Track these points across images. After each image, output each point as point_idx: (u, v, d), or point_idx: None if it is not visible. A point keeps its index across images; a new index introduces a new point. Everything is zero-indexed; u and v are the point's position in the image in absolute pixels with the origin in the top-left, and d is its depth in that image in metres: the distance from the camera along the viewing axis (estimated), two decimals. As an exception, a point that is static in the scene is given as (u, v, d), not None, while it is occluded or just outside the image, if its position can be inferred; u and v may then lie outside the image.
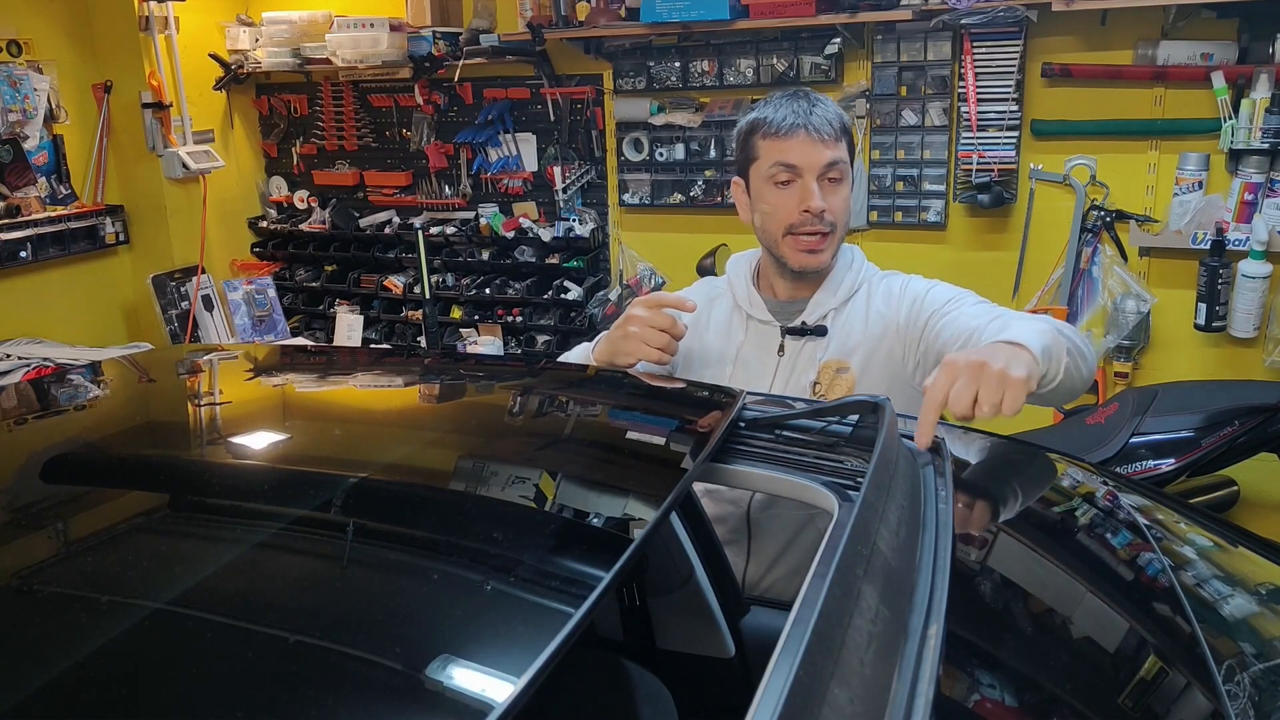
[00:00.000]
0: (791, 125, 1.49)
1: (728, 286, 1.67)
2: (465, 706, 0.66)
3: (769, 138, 1.52)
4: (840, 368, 1.54)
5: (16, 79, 3.56)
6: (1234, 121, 2.78)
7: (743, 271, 1.66)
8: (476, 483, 1.06)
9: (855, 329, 1.55)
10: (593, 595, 0.72)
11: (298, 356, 2.02)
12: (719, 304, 1.67)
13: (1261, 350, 2.93)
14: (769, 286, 1.63)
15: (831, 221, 1.51)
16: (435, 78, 3.84)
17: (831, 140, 1.49)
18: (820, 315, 1.56)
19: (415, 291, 4.04)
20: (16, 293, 3.66)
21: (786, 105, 1.52)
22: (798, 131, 1.48)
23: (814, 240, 1.51)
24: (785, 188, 1.51)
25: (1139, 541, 1.19)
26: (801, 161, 1.49)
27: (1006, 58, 3.03)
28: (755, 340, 1.60)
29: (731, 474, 1.14)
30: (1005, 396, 1.08)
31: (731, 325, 1.63)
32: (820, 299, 1.57)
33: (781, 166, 1.50)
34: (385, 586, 0.83)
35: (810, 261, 1.53)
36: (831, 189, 1.51)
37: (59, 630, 0.74)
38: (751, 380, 1.57)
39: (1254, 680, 0.94)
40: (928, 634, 0.75)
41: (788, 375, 1.57)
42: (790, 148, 1.49)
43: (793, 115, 1.50)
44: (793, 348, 1.57)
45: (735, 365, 1.60)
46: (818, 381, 1.55)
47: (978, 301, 1.52)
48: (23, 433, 1.27)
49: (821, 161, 1.49)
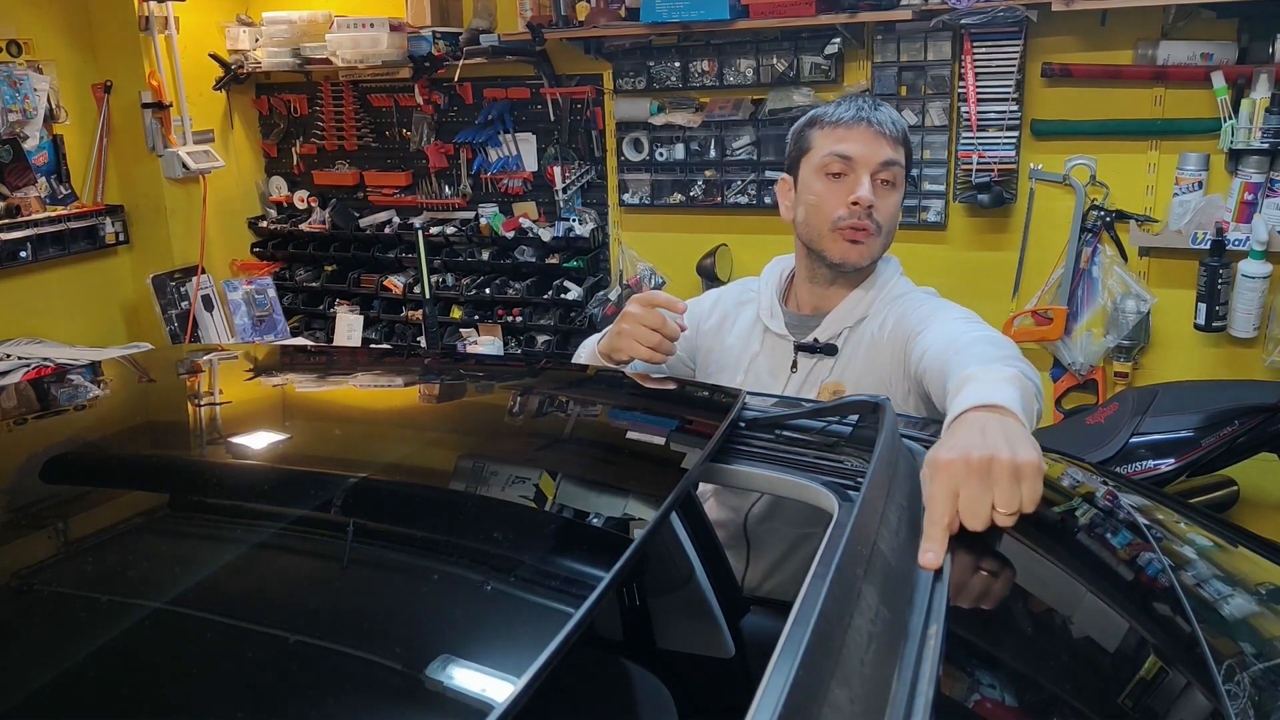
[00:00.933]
0: (854, 117, 1.46)
1: (758, 292, 1.63)
2: (465, 706, 0.66)
3: (827, 127, 1.48)
4: (836, 390, 1.50)
5: (16, 79, 3.56)
6: (1234, 121, 2.78)
7: (773, 280, 1.62)
8: (477, 483, 1.06)
9: (861, 352, 1.51)
10: (593, 595, 0.72)
11: (298, 356, 2.02)
12: (747, 309, 1.63)
13: (1261, 350, 2.93)
14: (795, 297, 1.60)
15: (879, 222, 1.46)
16: (435, 78, 3.84)
17: (892, 139, 1.45)
18: (833, 334, 1.52)
19: (415, 291, 4.04)
20: (16, 293, 3.66)
21: (850, 101, 1.49)
22: (859, 124, 1.45)
23: (860, 233, 1.45)
24: (837, 180, 1.46)
25: (1139, 541, 1.19)
26: (858, 154, 1.45)
27: (1006, 58, 3.03)
28: (769, 354, 1.57)
29: (731, 474, 1.14)
30: (1024, 493, 0.87)
31: (751, 335, 1.60)
32: (836, 316, 1.53)
33: (836, 156, 1.46)
34: (385, 586, 0.83)
35: (851, 254, 1.46)
36: (884, 191, 1.46)
37: (59, 630, 0.74)
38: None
39: (1254, 680, 0.94)
40: (928, 634, 0.75)
41: (799, 391, 1.53)
42: (849, 137, 1.45)
43: (856, 109, 1.47)
44: (805, 365, 1.53)
45: (747, 375, 1.57)
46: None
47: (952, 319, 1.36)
48: (23, 433, 1.27)
49: (879, 158, 1.45)
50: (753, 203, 3.53)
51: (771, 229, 3.49)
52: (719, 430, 1.13)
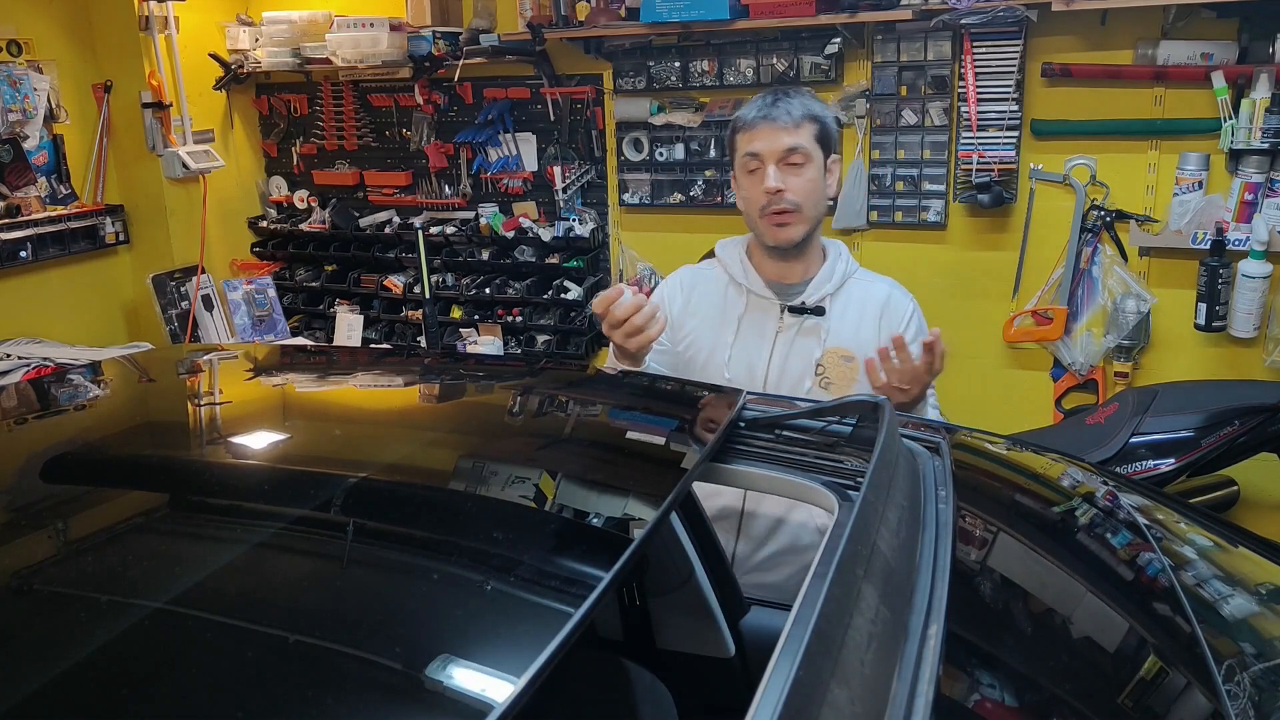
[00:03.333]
0: (754, 119, 1.67)
1: (719, 267, 1.79)
2: (465, 706, 0.66)
3: (739, 133, 1.70)
4: (846, 356, 1.67)
5: (16, 79, 3.56)
6: (1234, 121, 2.78)
7: (735, 253, 1.78)
8: (477, 483, 1.06)
9: (851, 319, 1.70)
10: (593, 595, 0.72)
11: (298, 356, 2.02)
12: (704, 286, 1.78)
13: (1261, 350, 2.92)
14: (759, 266, 1.76)
15: (794, 200, 1.65)
16: (435, 78, 3.84)
17: (790, 127, 1.64)
18: (818, 298, 1.70)
19: (415, 291, 4.04)
20: (16, 293, 3.65)
21: (755, 103, 1.70)
22: (759, 123, 1.66)
23: (781, 216, 1.65)
24: (754, 175, 1.67)
25: (1139, 541, 1.19)
26: (763, 149, 1.65)
27: (1006, 58, 3.02)
28: (755, 312, 1.72)
29: (732, 474, 1.14)
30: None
31: (728, 299, 1.75)
32: (818, 283, 1.72)
33: (749, 156, 1.67)
34: (385, 586, 0.83)
35: (780, 235, 1.67)
36: (792, 171, 1.65)
37: (59, 630, 0.74)
38: (750, 351, 1.70)
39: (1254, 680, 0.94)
40: (928, 634, 0.75)
41: (786, 351, 1.69)
42: (755, 137, 1.66)
43: (756, 110, 1.67)
44: (791, 324, 1.70)
45: (738, 333, 1.71)
46: (822, 364, 1.67)
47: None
48: (23, 432, 1.27)
49: (780, 148, 1.64)
50: (753, 203, 3.53)
51: (771, 229, 3.49)
52: (719, 430, 1.14)
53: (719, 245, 1.83)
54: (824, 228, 1.80)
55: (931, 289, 3.37)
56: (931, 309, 1.76)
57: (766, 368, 1.68)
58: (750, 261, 1.76)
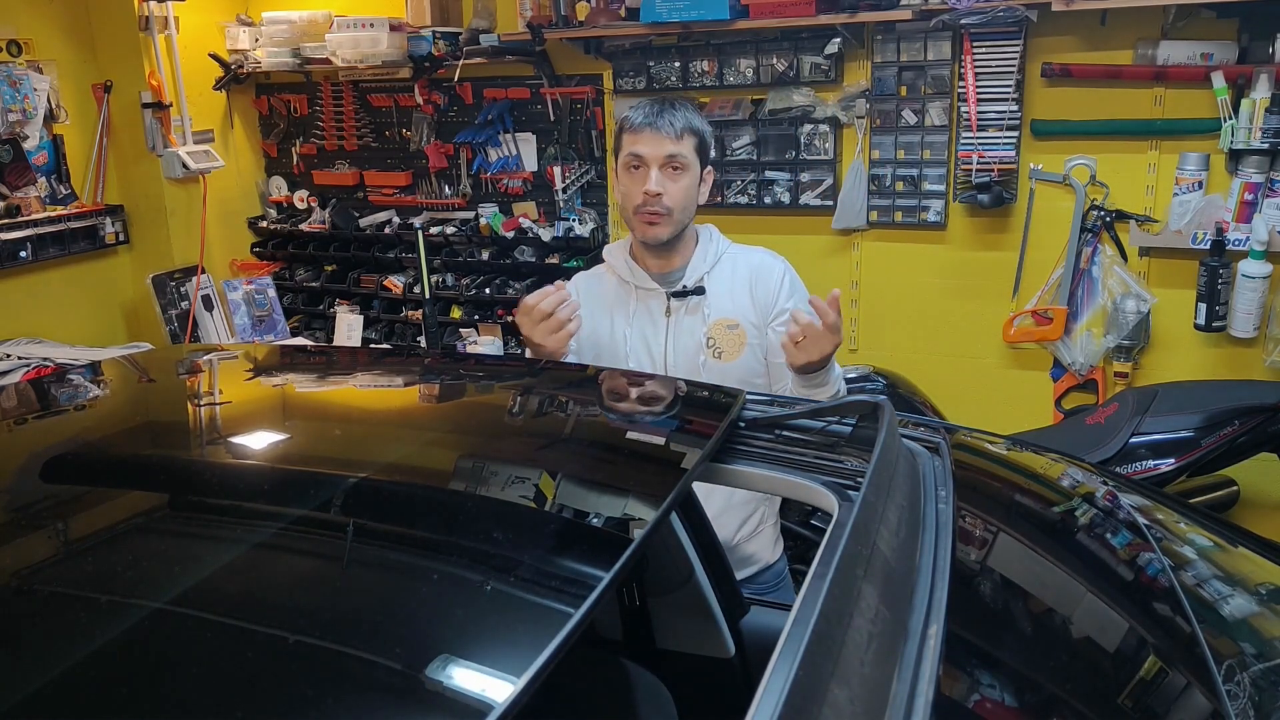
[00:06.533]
0: (641, 124, 1.78)
1: (607, 270, 1.94)
2: (465, 706, 0.66)
3: (626, 133, 1.82)
4: (730, 325, 1.81)
5: (16, 79, 3.55)
6: (1234, 121, 2.78)
7: (620, 255, 1.92)
8: (476, 483, 1.05)
9: (728, 291, 1.83)
10: (593, 595, 0.72)
11: (298, 356, 2.02)
12: (599, 288, 1.93)
13: (1261, 350, 2.92)
14: (641, 261, 1.89)
15: (669, 205, 1.78)
16: (435, 78, 3.83)
17: (673, 137, 1.77)
18: (696, 279, 1.84)
19: (415, 291, 4.04)
20: (16, 293, 3.65)
21: (644, 108, 1.80)
22: (646, 128, 1.78)
23: (653, 217, 1.78)
24: (635, 174, 1.79)
25: (1139, 541, 1.19)
26: (647, 153, 1.77)
27: (1006, 58, 3.02)
28: (645, 304, 1.86)
29: (731, 474, 1.14)
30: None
31: (619, 296, 1.89)
32: (694, 266, 1.85)
33: (632, 156, 1.79)
34: (385, 586, 0.83)
35: (650, 233, 1.80)
36: (671, 176, 1.78)
37: (59, 629, 0.74)
38: (647, 337, 1.84)
39: (1254, 680, 0.94)
40: (928, 634, 0.75)
41: (677, 331, 1.83)
42: (640, 140, 1.78)
43: (644, 116, 1.79)
44: (678, 307, 1.84)
45: (631, 325, 1.85)
46: (711, 337, 1.80)
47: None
48: (23, 433, 1.27)
49: (663, 153, 1.77)
50: (753, 203, 3.53)
51: (772, 229, 3.49)
52: (719, 430, 1.13)
53: (606, 250, 1.97)
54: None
55: (931, 289, 3.38)
56: (931, 309, 1.77)
57: (664, 349, 1.83)
58: (634, 259, 1.89)
